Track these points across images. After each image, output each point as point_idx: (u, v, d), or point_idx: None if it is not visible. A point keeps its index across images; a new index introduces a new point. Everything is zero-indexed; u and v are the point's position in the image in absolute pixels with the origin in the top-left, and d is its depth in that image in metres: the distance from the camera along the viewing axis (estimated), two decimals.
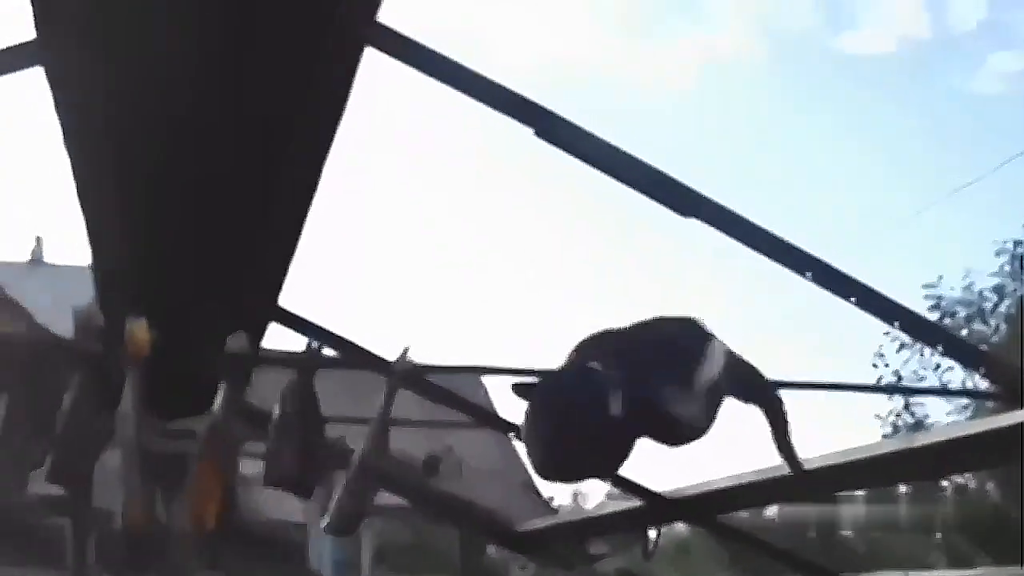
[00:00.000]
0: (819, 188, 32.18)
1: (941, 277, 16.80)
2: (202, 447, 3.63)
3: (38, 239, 23.44)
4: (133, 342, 3.48)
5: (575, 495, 24.89)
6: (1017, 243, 16.51)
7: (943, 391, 14.79)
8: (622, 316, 3.52)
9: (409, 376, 3.74)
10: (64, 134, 3.90)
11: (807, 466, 5.33)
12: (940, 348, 4.18)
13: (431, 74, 3.41)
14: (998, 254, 16.51)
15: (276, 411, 3.77)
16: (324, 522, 3.93)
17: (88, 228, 4.64)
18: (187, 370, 4.00)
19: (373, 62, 3.52)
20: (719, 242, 3.56)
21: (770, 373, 3.97)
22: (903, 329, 4.03)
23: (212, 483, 3.60)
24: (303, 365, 3.73)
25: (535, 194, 31.83)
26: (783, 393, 3.88)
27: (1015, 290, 16.39)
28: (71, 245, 31.09)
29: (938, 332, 7.14)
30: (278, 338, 5.47)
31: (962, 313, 16.34)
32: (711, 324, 3.56)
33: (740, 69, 33.41)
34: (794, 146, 33.63)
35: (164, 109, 3.71)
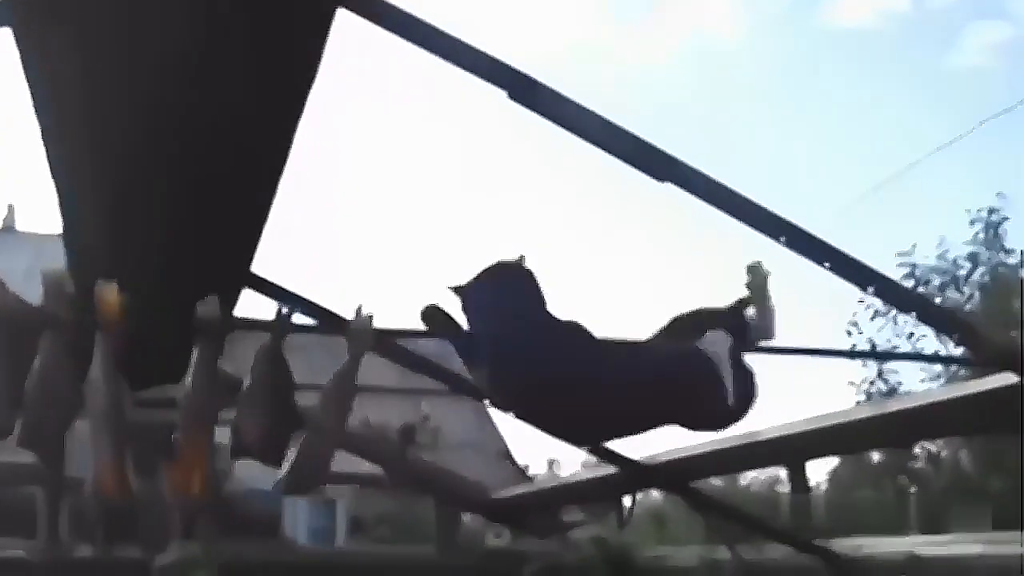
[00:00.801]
0: (798, 159, 32.15)
1: (915, 245, 16.85)
2: (182, 414, 3.59)
3: (10, 207, 23.24)
4: (104, 306, 3.44)
5: (550, 463, 24.95)
6: (991, 211, 16.59)
7: (918, 356, 14.88)
8: (598, 279, 3.53)
9: (366, 336, 3.71)
10: (33, 98, 3.86)
11: (784, 432, 5.38)
12: (914, 313, 4.19)
13: (404, 36, 3.38)
14: (972, 223, 16.61)
15: (248, 379, 3.73)
16: (276, 481, 3.89)
17: (58, 193, 4.59)
18: (158, 337, 3.96)
19: (345, 24, 3.49)
20: (695, 208, 3.56)
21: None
22: (877, 294, 4.03)
23: (196, 451, 3.56)
24: (275, 329, 3.69)
25: (511, 158, 31.70)
26: (762, 359, 3.94)
27: (989, 258, 16.46)
28: (43, 213, 30.88)
29: (912, 298, 7.17)
30: (251, 307, 5.47)
31: (936, 281, 16.40)
32: (688, 290, 3.65)
33: (721, 42, 33.33)
34: (774, 118, 33.59)
35: (134, 74, 3.66)
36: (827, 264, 3.61)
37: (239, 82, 3.75)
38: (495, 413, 16.00)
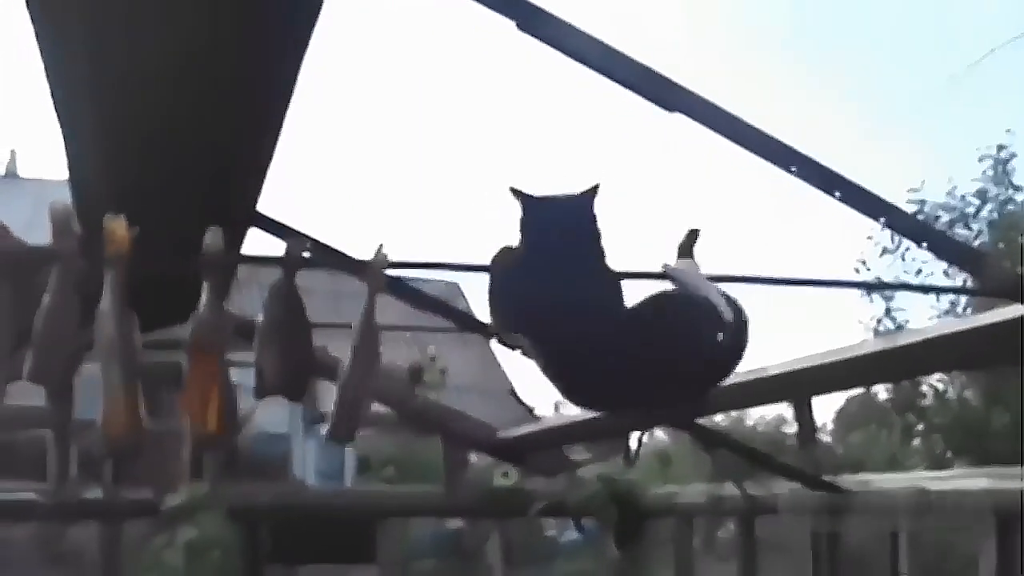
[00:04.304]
0: (807, 92, 31.90)
1: (924, 182, 16.84)
2: (192, 348, 3.58)
3: (12, 152, 23.24)
4: (112, 239, 3.42)
5: (557, 404, 25.03)
6: (1000, 148, 16.53)
7: (926, 288, 14.89)
8: (603, 214, 3.47)
9: (380, 276, 3.68)
10: (37, 37, 3.83)
11: (791, 368, 5.37)
12: (925, 244, 4.17)
13: None
14: (981, 159, 16.55)
15: (261, 317, 3.72)
16: (323, 430, 3.93)
17: (63, 133, 4.58)
18: (166, 278, 3.96)
19: None
20: (705, 138, 3.52)
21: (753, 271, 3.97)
22: (889, 225, 4.00)
23: (208, 386, 3.56)
24: (284, 264, 3.67)
25: (519, 91, 31.52)
26: (771, 290, 3.88)
27: (998, 195, 16.43)
28: (45, 159, 30.87)
29: (924, 228, 7.17)
30: (258, 247, 5.45)
31: (945, 218, 16.37)
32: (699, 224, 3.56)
33: None
34: (782, 48, 33.33)
35: (141, 10, 3.63)
36: (838, 194, 3.58)
37: (242, 15, 3.72)
38: (501, 353, 16.01)
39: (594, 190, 3.47)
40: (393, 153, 33.80)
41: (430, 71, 31.29)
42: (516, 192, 3.44)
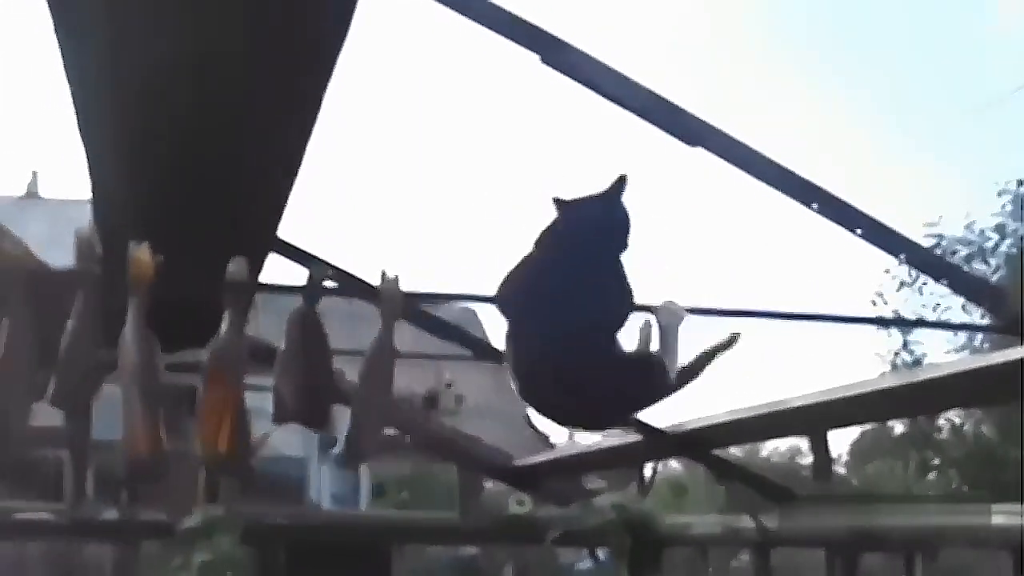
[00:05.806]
0: (823, 124, 31.88)
1: (942, 216, 16.79)
2: (209, 372, 3.60)
3: (34, 173, 23.29)
4: (137, 266, 3.45)
5: (571, 432, 24.96)
6: (1020, 183, 16.48)
7: (944, 325, 14.82)
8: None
9: (396, 302, 3.70)
10: (64, 59, 3.86)
11: (809, 401, 5.37)
12: (945, 281, 4.17)
13: None
14: (1000, 194, 16.52)
15: (282, 344, 3.75)
16: (335, 453, 3.96)
17: (87, 157, 4.61)
18: (187, 302, 3.98)
19: None
20: (726, 173, 3.54)
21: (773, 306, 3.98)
22: (908, 262, 4.02)
23: (223, 409, 3.57)
24: (305, 292, 3.70)
25: (541, 124, 31.50)
26: (791, 325, 3.90)
27: (1016, 230, 16.38)
28: (67, 179, 31.01)
29: (943, 265, 7.17)
30: (277, 272, 5.46)
31: (963, 252, 16.31)
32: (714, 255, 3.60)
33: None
34: (800, 78, 33.30)
35: (165, 34, 3.67)
36: (859, 231, 3.59)
37: (269, 45, 3.75)
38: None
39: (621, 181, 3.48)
40: (414, 181, 33.86)
41: (453, 102, 31.30)
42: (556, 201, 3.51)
